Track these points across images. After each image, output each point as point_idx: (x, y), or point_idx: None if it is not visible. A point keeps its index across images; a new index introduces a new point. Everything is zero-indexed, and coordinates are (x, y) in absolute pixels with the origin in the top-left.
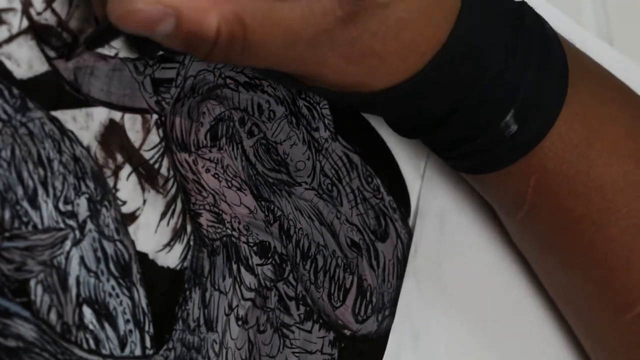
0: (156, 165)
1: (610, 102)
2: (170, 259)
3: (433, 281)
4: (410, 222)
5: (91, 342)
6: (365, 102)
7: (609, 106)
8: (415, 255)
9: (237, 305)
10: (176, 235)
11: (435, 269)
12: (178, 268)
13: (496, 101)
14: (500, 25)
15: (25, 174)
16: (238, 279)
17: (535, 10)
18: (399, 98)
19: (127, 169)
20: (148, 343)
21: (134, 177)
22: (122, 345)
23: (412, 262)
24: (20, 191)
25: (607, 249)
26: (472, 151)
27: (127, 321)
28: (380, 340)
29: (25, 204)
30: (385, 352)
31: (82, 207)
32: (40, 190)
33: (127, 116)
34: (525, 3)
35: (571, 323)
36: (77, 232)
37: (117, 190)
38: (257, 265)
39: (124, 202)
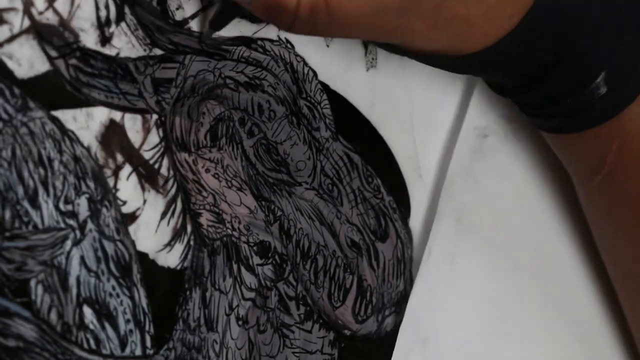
0: (156, 165)
1: None
2: (171, 258)
3: (445, 284)
4: (410, 223)
5: (91, 342)
6: (456, 65)
7: None
8: (429, 257)
9: (238, 305)
10: (176, 235)
11: (448, 272)
12: (178, 268)
13: (589, 63)
14: None
15: (25, 174)
16: (238, 278)
17: None
18: (489, 61)
19: (127, 168)
20: (148, 343)
21: (134, 177)
22: (123, 345)
23: (425, 264)
24: (20, 191)
25: None
26: (560, 111)
27: (128, 321)
28: (380, 340)
29: (25, 203)
30: (393, 355)
31: (82, 207)
32: (40, 190)
33: (127, 116)
34: None
35: (627, 306)
36: (78, 232)
37: (117, 190)
38: (257, 265)
39: (124, 202)
